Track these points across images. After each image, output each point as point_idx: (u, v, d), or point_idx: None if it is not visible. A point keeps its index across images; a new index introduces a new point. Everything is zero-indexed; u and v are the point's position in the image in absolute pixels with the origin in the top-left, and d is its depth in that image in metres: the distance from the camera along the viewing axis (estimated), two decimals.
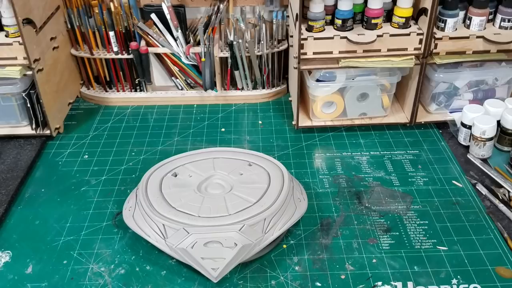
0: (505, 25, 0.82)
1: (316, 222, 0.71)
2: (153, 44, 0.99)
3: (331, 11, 0.84)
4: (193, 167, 0.73)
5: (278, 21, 0.98)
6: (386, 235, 0.69)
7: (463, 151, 0.85)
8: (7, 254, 0.67)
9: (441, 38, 0.82)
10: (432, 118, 0.92)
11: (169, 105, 1.03)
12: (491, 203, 0.73)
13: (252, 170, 0.72)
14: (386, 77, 0.87)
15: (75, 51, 1.00)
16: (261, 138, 0.91)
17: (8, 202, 0.75)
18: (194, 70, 1.02)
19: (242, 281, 0.62)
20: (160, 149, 0.89)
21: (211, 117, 0.99)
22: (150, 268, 0.65)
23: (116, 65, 1.01)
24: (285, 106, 1.01)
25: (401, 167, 0.82)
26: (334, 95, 0.89)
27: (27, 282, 0.63)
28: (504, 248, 0.66)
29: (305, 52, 0.82)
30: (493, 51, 0.83)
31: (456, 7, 0.82)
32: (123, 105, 1.03)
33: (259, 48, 0.98)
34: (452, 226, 0.70)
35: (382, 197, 0.76)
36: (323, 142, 0.90)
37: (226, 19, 1.00)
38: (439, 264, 0.64)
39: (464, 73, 0.87)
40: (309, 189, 0.77)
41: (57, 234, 0.70)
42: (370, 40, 0.81)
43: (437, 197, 0.75)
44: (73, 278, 0.63)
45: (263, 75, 1.01)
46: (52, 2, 0.94)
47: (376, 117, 0.93)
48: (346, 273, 0.63)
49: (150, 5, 0.99)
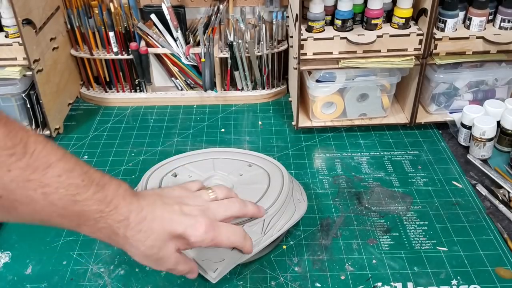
0: (505, 25, 0.82)
1: (316, 223, 0.71)
2: (153, 44, 0.99)
3: (331, 12, 0.84)
4: (193, 167, 0.73)
5: (278, 22, 0.98)
6: (386, 235, 0.69)
7: (463, 151, 0.85)
8: (7, 254, 0.67)
9: (441, 39, 0.82)
10: (432, 119, 0.92)
11: (169, 106, 1.03)
12: (491, 204, 0.73)
13: (252, 171, 0.72)
14: (386, 78, 0.87)
15: (75, 51, 1.00)
16: (261, 139, 0.91)
17: None
18: (194, 71, 1.02)
19: (241, 281, 0.62)
20: (160, 149, 0.89)
21: (211, 117, 0.99)
22: (149, 269, 0.64)
23: (116, 65, 1.01)
24: (285, 107, 1.01)
25: (401, 168, 0.82)
26: (334, 95, 0.89)
27: (27, 283, 0.63)
28: (504, 249, 0.66)
29: (305, 53, 0.82)
30: (493, 51, 0.83)
31: (456, 8, 0.82)
32: (123, 106, 1.03)
33: (259, 49, 0.98)
34: (452, 227, 0.70)
35: (382, 197, 0.76)
36: (323, 142, 0.90)
37: (226, 20, 1.00)
38: (439, 265, 0.64)
39: (464, 74, 0.87)
40: (309, 190, 0.77)
41: (57, 235, 0.70)
42: (370, 40, 0.81)
43: (437, 197, 0.75)
44: (73, 279, 0.63)
45: (263, 76, 1.01)
46: (52, 3, 0.94)
47: (376, 118, 0.93)
48: (346, 273, 0.63)
49: (150, 6, 0.99)
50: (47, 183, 0.43)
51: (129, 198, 0.49)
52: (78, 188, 0.45)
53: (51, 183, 0.43)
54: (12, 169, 0.41)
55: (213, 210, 0.55)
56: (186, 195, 0.56)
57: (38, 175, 0.42)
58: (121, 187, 0.49)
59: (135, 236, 0.49)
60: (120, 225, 0.48)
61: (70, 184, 0.44)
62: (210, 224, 0.52)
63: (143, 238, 0.49)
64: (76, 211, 0.45)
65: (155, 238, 0.50)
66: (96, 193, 0.46)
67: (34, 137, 0.43)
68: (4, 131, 0.41)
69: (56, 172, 0.43)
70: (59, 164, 0.44)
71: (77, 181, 0.45)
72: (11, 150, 0.41)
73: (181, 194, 0.55)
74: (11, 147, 0.41)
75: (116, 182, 0.49)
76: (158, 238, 0.50)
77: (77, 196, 0.45)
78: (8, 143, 0.40)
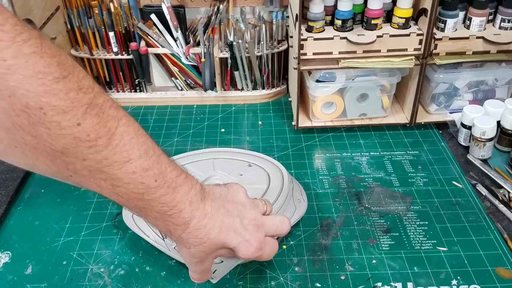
0: (505, 25, 0.82)
1: (316, 223, 0.71)
2: (153, 44, 0.99)
3: (331, 12, 0.84)
4: (193, 167, 0.73)
5: (278, 22, 0.98)
6: (386, 235, 0.69)
7: (463, 151, 0.85)
8: (7, 254, 0.67)
9: (441, 39, 0.81)
10: (432, 119, 0.92)
11: (169, 106, 1.03)
12: (491, 204, 0.73)
13: (252, 171, 0.72)
14: (386, 78, 0.87)
15: (75, 51, 1.00)
16: (261, 139, 0.91)
17: (8, 203, 0.75)
18: (194, 71, 1.02)
19: (241, 282, 0.62)
20: None
21: (211, 117, 0.99)
22: (149, 269, 0.65)
23: (116, 65, 1.01)
24: (285, 107, 1.01)
25: (401, 168, 0.82)
26: (334, 95, 0.89)
27: (27, 283, 0.63)
28: (504, 249, 0.66)
29: (305, 53, 0.82)
30: (493, 51, 0.83)
31: (456, 8, 0.82)
32: (123, 106, 1.00)
33: (259, 49, 0.98)
34: (452, 227, 0.70)
35: (382, 197, 0.76)
36: (323, 142, 0.90)
37: (226, 20, 1.00)
38: (439, 265, 0.64)
39: (464, 74, 0.87)
40: (309, 190, 0.77)
41: (57, 235, 0.70)
42: (370, 40, 0.80)
43: (437, 197, 0.75)
44: (73, 279, 0.63)
45: (263, 76, 1.01)
46: (52, 3, 0.94)
47: (376, 118, 0.93)
48: (346, 273, 0.63)
49: (150, 6, 0.99)
50: (119, 177, 0.42)
51: (196, 203, 0.48)
52: (148, 188, 0.44)
53: (123, 178, 0.42)
54: (88, 159, 0.40)
55: (266, 228, 0.54)
56: (248, 203, 0.55)
57: (113, 169, 0.42)
58: (192, 190, 0.48)
59: (190, 239, 0.49)
60: (178, 228, 0.48)
61: (141, 183, 0.43)
62: (259, 245, 0.52)
63: (197, 242, 0.49)
64: (139, 206, 0.45)
65: (208, 245, 0.50)
66: (163, 196, 0.45)
67: (124, 127, 0.42)
68: (93, 121, 0.39)
69: (132, 168, 0.42)
70: (138, 162, 0.43)
71: (149, 181, 0.44)
72: (92, 142, 0.39)
73: (244, 201, 0.54)
74: (94, 139, 0.39)
75: (189, 184, 0.48)
76: (211, 246, 0.50)
77: (145, 195, 0.44)
78: (92, 135, 0.39)
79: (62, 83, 0.37)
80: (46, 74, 0.36)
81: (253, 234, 0.52)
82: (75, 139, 0.39)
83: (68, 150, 0.39)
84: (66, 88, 0.38)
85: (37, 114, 0.37)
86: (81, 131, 0.39)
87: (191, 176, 0.49)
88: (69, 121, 0.38)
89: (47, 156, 0.39)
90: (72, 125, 0.38)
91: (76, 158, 0.40)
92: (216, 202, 0.51)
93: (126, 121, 0.43)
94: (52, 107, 0.37)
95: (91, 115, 0.39)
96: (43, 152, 0.39)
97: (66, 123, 0.38)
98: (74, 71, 0.39)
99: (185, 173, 0.48)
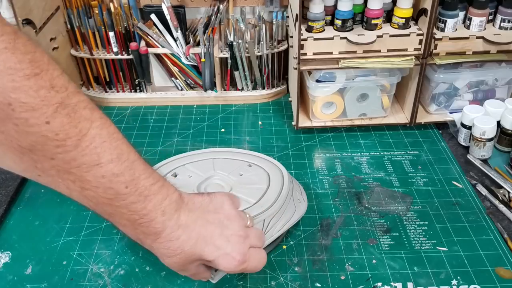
0: (505, 25, 0.82)
1: (316, 223, 0.71)
2: (153, 44, 0.99)
3: (331, 12, 0.84)
4: (193, 167, 0.73)
5: (278, 22, 0.98)
6: (386, 235, 0.69)
7: (463, 151, 0.85)
8: (7, 254, 0.67)
9: (441, 39, 0.81)
10: (432, 119, 0.92)
11: (169, 106, 1.03)
12: (491, 204, 0.73)
13: (252, 171, 0.72)
14: (386, 78, 0.87)
15: (75, 51, 1.00)
16: (261, 139, 0.91)
17: (8, 203, 0.75)
18: (194, 71, 1.02)
19: (241, 282, 0.62)
20: (160, 149, 0.89)
21: (211, 117, 0.99)
22: (149, 269, 0.65)
23: (116, 65, 1.01)
24: (285, 107, 1.01)
25: (401, 168, 0.82)
26: (334, 95, 0.89)
27: (27, 283, 0.63)
28: (504, 249, 0.66)
29: (305, 53, 0.82)
30: (493, 51, 0.83)
31: (456, 8, 0.82)
32: (123, 106, 1.03)
33: (259, 49, 0.98)
34: (452, 227, 0.70)
35: (382, 197, 0.76)
36: (323, 142, 0.90)
37: (226, 20, 1.00)
38: (439, 265, 0.64)
39: (464, 74, 0.87)
40: (309, 190, 0.77)
41: (57, 235, 0.70)
42: (370, 40, 0.80)
43: (437, 197, 0.75)
44: (73, 279, 0.63)
45: (263, 76, 1.01)
46: (52, 3, 0.94)
47: (376, 118, 0.93)
48: (346, 273, 0.63)
49: (150, 6, 0.99)
50: (88, 179, 0.41)
51: (170, 214, 0.46)
52: (117, 194, 0.43)
53: (92, 181, 0.41)
54: (56, 158, 0.40)
55: (251, 240, 0.52)
56: (233, 214, 0.53)
57: (81, 171, 0.41)
58: (166, 199, 0.46)
59: (161, 250, 0.48)
60: (148, 237, 0.47)
61: (110, 188, 0.42)
62: (242, 258, 0.50)
63: (170, 254, 0.48)
64: (108, 211, 0.44)
65: (183, 257, 0.48)
66: (133, 203, 0.44)
67: (97, 130, 0.41)
68: (63, 121, 0.39)
69: (101, 172, 0.41)
70: (108, 166, 0.41)
71: (119, 187, 0.43)
72: (60, 142, 0.39)
73: (229, 212, 0.52)
74: (62, 139, 0.39)
75: (164, 193, 0.46)
76: (186, 258, 0.49)
77: (114, 201, 0.43)
78: (60, 135, 0.39)
79: (33, 80, 0.37)
80: (16, 70, 0.36)
81: (236, 246, 0.50)
82: (43, 137, 0.38)
83: (36, 148, 0.39)
84: (37, 85, 0.37)
85: (6, 110, 0.36)
86: (50, 129, 0.38)
87: (169, 184, 0.48)
88: (37, 119, 0.37)
89: (14, 153, 0.39)
90: (40, 123, 0.38)
91: (44, 157, 0.39)
92: (195, 213, 0.49)
93: (100, 124, 0.42)
94: (21, 103, 0.36)
95: (62, 115, 0.39)
96: (11, 148, 0.39)
97: (34, 121, 0.37)
98: (48, 69, 0.38)
99: (161, 182, 0.47)
